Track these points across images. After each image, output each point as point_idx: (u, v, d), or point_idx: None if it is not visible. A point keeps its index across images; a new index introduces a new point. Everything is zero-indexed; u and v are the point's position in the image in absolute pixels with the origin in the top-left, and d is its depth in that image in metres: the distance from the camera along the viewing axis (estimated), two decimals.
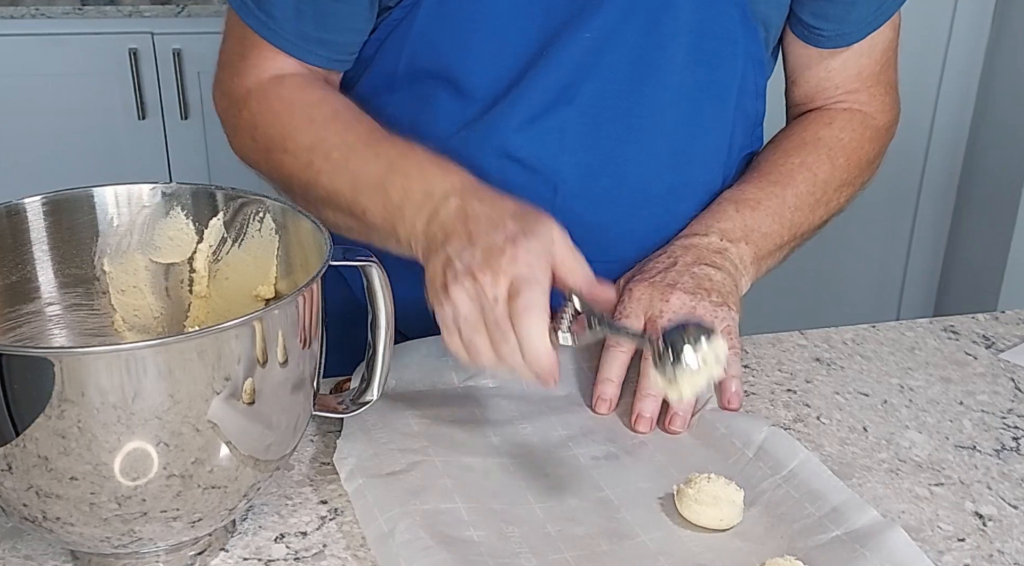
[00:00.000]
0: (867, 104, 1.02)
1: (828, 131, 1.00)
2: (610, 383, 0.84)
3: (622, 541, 0.71)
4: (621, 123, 0.93)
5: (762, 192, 0.95)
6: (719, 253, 0.90)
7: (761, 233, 0.93)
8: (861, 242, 2.53)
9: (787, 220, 0.95)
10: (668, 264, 0.88)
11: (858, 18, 0.96)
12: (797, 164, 0.97)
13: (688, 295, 0.84)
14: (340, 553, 0.70)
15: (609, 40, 0.89)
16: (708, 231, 0.92)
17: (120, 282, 0.76)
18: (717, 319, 0.84)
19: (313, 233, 0.71)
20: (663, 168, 0.95)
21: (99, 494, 0.59)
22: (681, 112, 0.94)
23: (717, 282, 0.87)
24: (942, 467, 0.81)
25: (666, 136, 0.94)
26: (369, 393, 0.76)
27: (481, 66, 0.91)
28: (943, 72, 2.42)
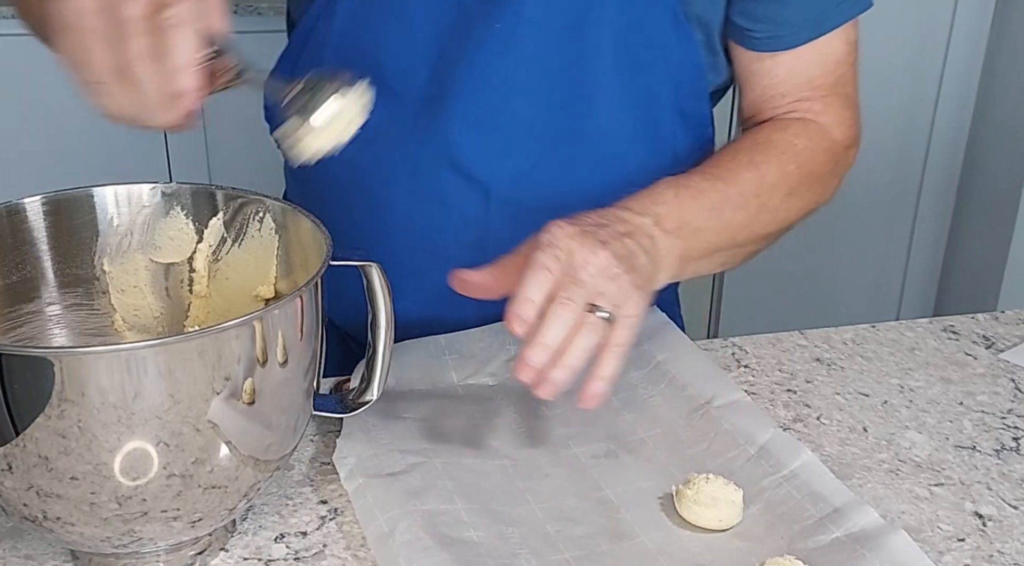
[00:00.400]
0: (821, 114, 0.97)
1: (781, 135, 0.95)
2: (531, 303, 0.73)
3: (622, 541, 0.71)
4: (553, 128, 0.92)
5: (705, 184, 0.89)
6: (648, 238, 0.83)
7: (694, 228, 0.87)
8: (861, 242, 2.53)
9: (726, 218, 0.89)
10: (599, 223, 0.80)
11: (791, 20, 0.93)
12: (745, 162, 0.92)
13: (616, 260, 0.76)
14: (340, 553, 0.70)
15: (527, 36, 0.88)
16: (644, 211, 0.84)
17: (120, 282, 0.76)
18: (632, 302, 0.76)
19: (313, 233, 0.71)
20: (597, 173, 0.94)
21: (99, 494, 0.59)
22: (613, 116, 0.92)
23: (641, 265, 0.80)
24: (942, 467, 0.81)
25: (599, 141, 0.93)
26: (369, 393, 0.76)
27: (400, 60, 0.91)
28: (943, 72, 2.42)
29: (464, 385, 0.87)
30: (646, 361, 0.89)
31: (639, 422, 0.83)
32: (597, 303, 0.74)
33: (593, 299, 0.74)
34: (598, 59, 0.90)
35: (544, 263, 0.74)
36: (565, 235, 0.76)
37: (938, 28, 2.39)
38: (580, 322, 0.73)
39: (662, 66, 0.93)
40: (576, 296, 0.73)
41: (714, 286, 2.50)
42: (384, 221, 0.95)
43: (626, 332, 0.75)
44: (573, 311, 0.73)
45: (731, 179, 0.91)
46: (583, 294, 0.73)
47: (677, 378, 0.87)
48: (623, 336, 0.75)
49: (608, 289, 0.75)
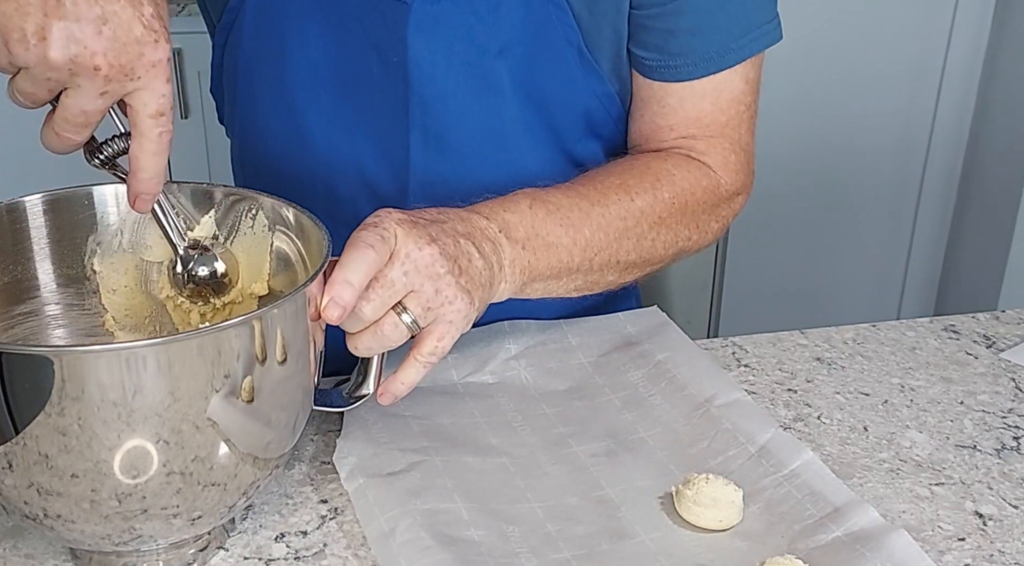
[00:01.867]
0: (705, 155, 0.92)
1: (659, 163, 0.91)
2: (349, 287, 0.67)
3: (622, 540, 0.70)
4: (468, 169, 0.91)
5: (567, 199, 0.84)
6: (492, 243, 0.78)
7: (546, 243, 0.81)
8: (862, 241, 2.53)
9: (583, 239, 0.84)
10: (436, 219, 0.75)
11: (682, 51, 0.89)
12: (616, 184, 0.87)
13: (444, 259, 0.71)
14: (340, 552, 0.70)
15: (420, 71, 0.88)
16: (491, 216, 0.80)
17: (111, 282, 0.76)
18: (452, 307, 0.71)
19: (312, 231, 0.71)
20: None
21: (99, 491, 0.59)
22: (521, 145, 0.92)
23: (476, 268, 0.74)
24: (943, 467, 0.81)
25: (506, 167, 0.92)
26: (366, 387, 0.76)
27: (303, 81, 0.91)
28: (944, 72, 2.42)
29: (464, 383, 0.87)
30: (646, 360, 0.89)
31: (639, 421, 0.83)
32: (407, 304, 0.70)
33: (404, 297, 0.70)
34: (502, 94, 0.90)
35: (367, 241, 0.68)
36: (393, 220, 0.71)
37: (938, 28, 2.39)
38: (379, 323, 0.70)
39: (571, 99, 0.92)
40: (378, 297, 0.69)
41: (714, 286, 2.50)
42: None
43: (439, 343, 0.72)
44: (372, 309, 0.69)
45: (596, 198, 0.86)
46: (390, 295, 0.69)
47: (677, 377, 0.87)
48: (435, 347, 0.72)
49: (424, 289, 0.70)
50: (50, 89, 0.61)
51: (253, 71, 0.94)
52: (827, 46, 2.26)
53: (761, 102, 0.99)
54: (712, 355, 0.95)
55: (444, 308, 0.71)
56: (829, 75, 2.28)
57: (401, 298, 0.70)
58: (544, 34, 0.88)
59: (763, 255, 2.34)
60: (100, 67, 0.59)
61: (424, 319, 0.71)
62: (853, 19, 2.27)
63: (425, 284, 0.70)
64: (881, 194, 2.47)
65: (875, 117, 2.37)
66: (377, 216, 0.71)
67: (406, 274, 0.69)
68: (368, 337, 0.71)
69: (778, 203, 2.26)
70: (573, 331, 0.94)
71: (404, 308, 0.70)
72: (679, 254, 0.92)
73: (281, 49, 0.91)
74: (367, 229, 0.70)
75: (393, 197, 0.92)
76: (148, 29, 0.61)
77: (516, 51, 0.89)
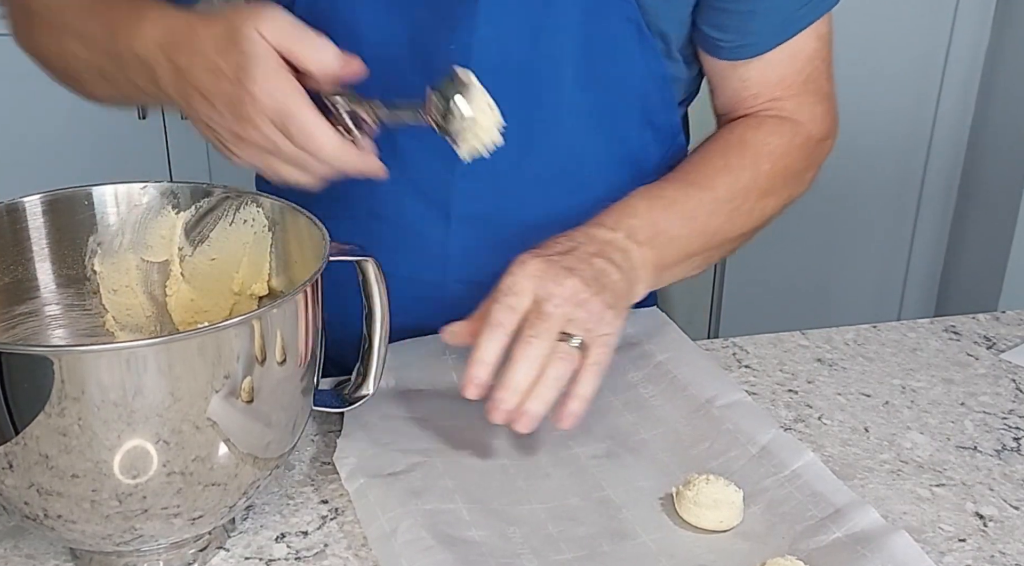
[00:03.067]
0: (795, 112, 0.96)
1: (754, 134, 0.95)
2: (485, 365, 0.74)
3: (623, 541, 0.70)
4: (512, 146, 0.88)
5: (678, 192, 0.90)
6: (622, 252, 0.83)
7: (669, 236, 0.87)
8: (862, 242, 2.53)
9: (700, 224, 0.90)
10: (568, 247, 0.81)
11: (759, 30, 0.91)
12: (720, 167, 0.92)
13: (583, 285, 0.77)
14: (341, 553, 0.70)
15: (482, 57, 0.86)
16: (616, 226, 0.85)
17: (111, 282, 0.76)
18: (604, 322, 0.77)
19: (310, 230, 0.71)
20: (562, 190, 0.93)
21: (100, 491, 0.59)
22: (576, 133, 0.92)
23: (613, 281, 0.80)
24: (944, 468, 0.81)
25: (562, 158, 0.92)
26: (365, 387, 0.76)
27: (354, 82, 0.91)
28: (944, 72, 2.42)
29: None
30: (647, 361, 0.89)
31: (640, 422, 0.83)
32: (568, 331, 0.76)
33: (563, 328, 0.76)
34: (560, 77, 0.89)
35: (498, 320, 0.75)
36: (526, 275, 0.77)
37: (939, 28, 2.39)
38: (551, 353, 0.75)
39: (628, 80, 0.92)
40: (543, 331, 0.75)
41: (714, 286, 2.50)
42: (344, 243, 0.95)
43: (601, 351, 0.77)
44: (540, 347, 0.75)
45: (705, 184, 0.91)
46: (550, 327, 0.75)
47: (678, 378, 0.86)
48: (598, 355, 0.77)
49: (577, 315, 0.76)
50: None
51: None
52: None
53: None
54: (713, 356, 0.95)
55: (598, 325, 0.77)
56: None
57: (563, 328, 0.76)
58: (604, 12, 0.88)
59: (763, 255, 2.34)
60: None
61: (587, 338, 0.77)
62: (853, 19, 2.27)
63: (577, 311, 0.76)
64: (882, 194, 2.47)
65: (876, 117, 2.37)
66: (512, 275, 0.78)
67: (558, 307, 0.76)
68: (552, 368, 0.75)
69: None
70: None
71: (568, 335, 0.76)
72: (784, 209, 0.98)
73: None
74: (498, 301, 0.76)
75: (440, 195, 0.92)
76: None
77: (575, 30, 0.88)
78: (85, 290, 0.76)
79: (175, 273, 0.77)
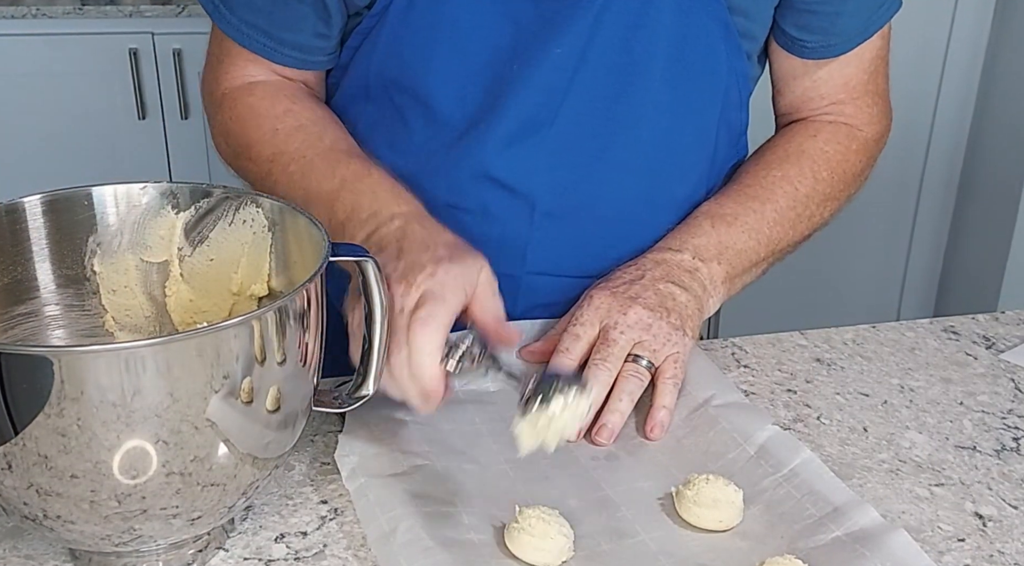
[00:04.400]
0: (853, 117, 1.00)
1: (812, 143, 0.98)
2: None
3: (623, 540, 0.70)
4: (597, 141, 0.91)
5: (740, 207, 0.93)
6: (690, 272, 0.88)
7: (736, 250, 0.91)
8: (861, 242, 2.54)
9: (764, 236, 0.93)
10: (635, 276, 0.87)
11: (844, 29, 0.94)
12: (779, 177, 0.95)
13: (647, 311, 0.83)
14: (340, 553, 0.70)
15: (583, 57, 0.88)
16: (682, 247, 0.90)
17: (111, 282, 0.76)
18: (671, 343, 0.83)
19: (310, 230, 0.71)
20: (641, 184, 0.94)
21: (99, 492, 0.59)
22: (659, 128, 0.92)
23: (680, 303, 0.85)
24: (942, 467, 0.81)
25: (644, 152, 0.93)
26: (365, 388, 0.76)
27: (445, 80, 0.90)
28: (943, 72, 2.42)
29: (465, 390, 0.87)
30: None
31: (639, 423, 0.83)
32: (636, 353, 0.82)
33: (631, 350, 0.82)
34: (648, 74, 0.90)
35: (565, 346, 0.83)
36: (593, 308, 0.84)
37: (938, 28, 2.39)
38: (623, 374, 0.81)
39: (712, 78, 0.93)
40: (610, 355, 0.81)
41: None
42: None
43: (674, 366, 0.83)
44: (608, 369, 0.81)
45: (766, 197, 0.94)
46: (617, 351, 0.82)
47: None
48: (671, 371, 0.83)
49: (644, 338, 0.82)
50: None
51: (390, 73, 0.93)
52: None
53: (760, 101, 1.01)
54: (712, 356, 0.95)
55: (666, 346, 0.83)
56: None
57: (630, 350, 0.82)
58: (696, 10, 0.89)
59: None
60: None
61: (655, 358, 0.83)
62: None
63: (643, 335, 0.83)
64: (881, 194, 2.47)
65: None
66: (580, 309, 0.85)
67: (622, 334, 0.82)
68: (622, 384, 0.82)
69: None
70: None
71: (636, 357, 0.82)
72: (843, 209, 1.02)
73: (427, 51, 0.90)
74: (567, 330, 0.84)
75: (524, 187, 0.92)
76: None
77: (668, 28, 0.89)
78: (84, 290, 0.76)
79: (174, 273, 0.77)
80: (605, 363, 0.81)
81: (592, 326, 0.83)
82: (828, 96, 0.99)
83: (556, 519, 0.69)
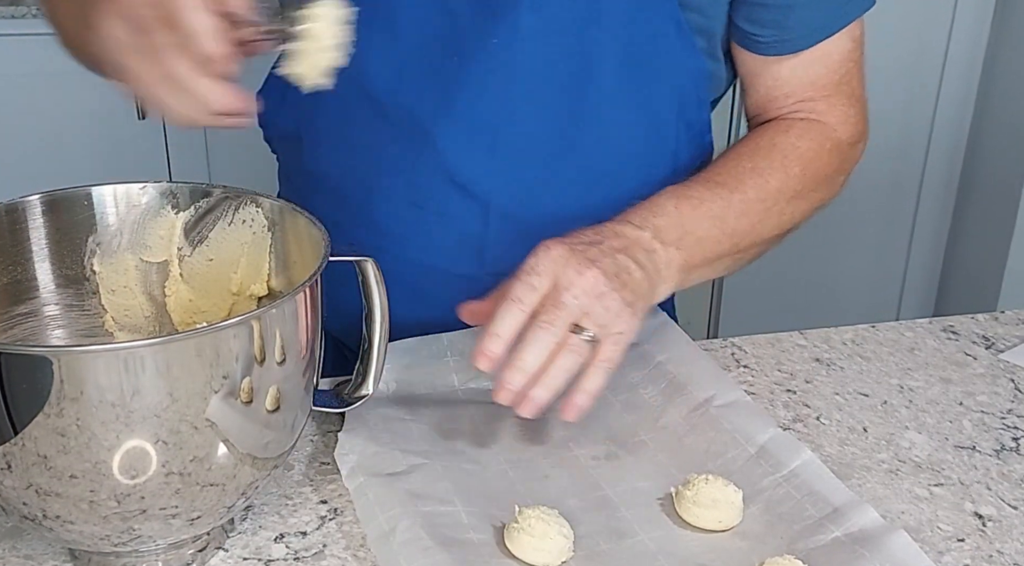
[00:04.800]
0: (825, 114, 0.96)
1: (784, 138, 0.94)
2: (499, 339, 0.74)
3: (622, 540, 0.70)
4: (552, 141, 0.91)
5: (708, 192, 0.89)
6: (647, 252, 0.83)
7: (697, 237, 0.87)
8: (861, 242, 2.53)
9: (729, 226, 0.89)
10: (594, 240, 0.81)
11: (797, 24, 0.92)
12: (748, 169, 0.92)
13: (604, 278, 0.77)
14: (340, 553, 0.70)
15: (526, 51, 0.87)
16: (643, 225, 0.85)
17: (110, 282, 0.76)
18: (620, 319, 0.77)
19: (310, 230, 0.71)
20: (600, 185, 0.93)
21: (98, 492, 0.59)
22: (616, 128, 0.92)
23: (635, 279, 0.80)
24: (942, 467, 0.81)
25: (601, 154, 0.92)
26: (365, 387, 0.76)
27: (386, 72, 0.90)
28: (943, 72, 2.42)
29: (465, 389, 0.87)
30: (646, 361, 0.89)
31: (639, 423, 0.83)
32: (582, 324, 0.76)
33: (577, 320, 0.75)
34: (602, 72, 0.89)
35: (517, 296, 0.75)
36: (550, 258, 0.77)
37: (938, 28, 2.39)
38: (562, 343, 0.75)
39: (667, 76, 0.92)
40: (556, 319, 0.75)
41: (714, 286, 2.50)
42: (382, 234, 0.94)
43: (613, 349, 0.77)
44: (552, 334, 0.74)
45: (734, 186, 0.90)
46: (564, 316, 0.75)
47: (677, 378, 0.86)
48: (610, 353, 0.77)
49: (594, 309, 0.76)
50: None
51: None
52: None
53: None
54: (711, 356, 0.95)
55: (614, 322, 0.77)
56: None
57: (577, 319, 0.76)
58: (648, 5, 0.88)
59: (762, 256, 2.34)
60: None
61: (600, 333, 0.76)
62: None
63: (594, 304, 0.76)
64: (880, 194, 2.47)
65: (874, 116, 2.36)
66: (534, 258, 0.77)
67: (576, 298, 0.75)
68: (561, 358, 0.75)
69: None
70: None
71: (581, 328, 0.76)
72: (813, 213, 0.97)
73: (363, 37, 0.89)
74: (519, 279, 0.76)
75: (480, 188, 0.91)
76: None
77: (620, 23, 0.88)
78: (84, 290, 0.76)
79: (174, 273, 0.77)
80: (551, 327, 0.75)
81: (548, 277, 0.76)
82: (794, 94, 0.96)
83: (556, 519, 0.69)
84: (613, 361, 0.77)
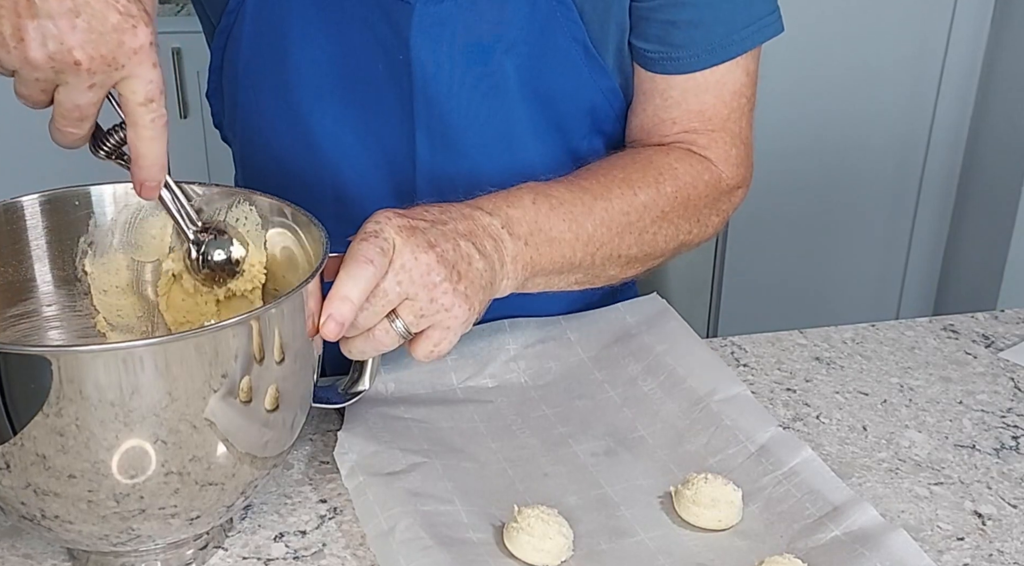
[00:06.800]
0: (707, 148, 0.92)
1: (662, 157, 0.91)
2: (348, 302, 0.68)
3: (622, 539, 0.70)
4: (470, 153, 0.91)
5: (570, 194, 0.84)
6: (494, 240, 0.78)
7: (548, 237, 0.82)
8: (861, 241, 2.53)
9: (585, 233, 0.84)
10: (438, 219, 0.75)
11: (682, 42, 0.89)
12: (619, 178, 0.87)
13: (439, 267, 0.71)
14: (339, 552, 0.70)
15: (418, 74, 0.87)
16: (494, 212, 0.79)
17: (102, 282, 0.76)
18: (449, 314, 0.72)
19: (308, 228, 0.71)
20: None
21: (97, 491, 0.59)
22: (528, 143, 0.92)
23: (475, 270, 0.74)
24: (942, 466, 0.81)
25: (515, 166, 0.91)
26: (361, 383, 0.76)
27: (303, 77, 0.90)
28: (943, 72, 2.42)
29: (464, 388, 0.87)
30: (646, 352, 0.89)
31: (639, 418, 0.83)
32: (399, 313, 0.71)
33: (399, 304, 0.71)
34: (507, 92, 0.90)
35: (367, 255, 0.69)
36: (392, 227, 0.71)
37: (938, 28, 2.39)
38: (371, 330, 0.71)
39: (576, 94, 0.92)
40: (372, 305, 0.70)
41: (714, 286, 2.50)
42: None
43: (434, 347, 0.73)
44: (366, 319, 0.70)
45: (599, 192, 0.86)
46: (381, 304, 0.70)
47: (677, 370, 0.86)
48: (428, 351, 0.73)
49: (419, 297, 0.71)
50: (43, 89, 0.61)
51: (255, 73, 0.93)
52: (826, 44, 2.26)
53: (760, 100, 0.99)
54: None
55: (440, 315, 0.72)
56: (828, 73, 2.28)
57: (395, 306, 0.71)
58: (550, 31, 0.88)
59: (762, 254, 2.34)
60: (80, 61, 0.59)
61: (417, 326, 0.72)
62: (852, 16, 2.27)
63: (420, 293, 0.71)
64: (880, 193, 2.47)
65: (874, 115, 2.37)
66: (377, 223, 0.71)
67: (399, 283, 0.70)
68: (361, 342, 0.72)
69: (777, 202, 2.26)
70: (572, 326, 0.93)
71: (396, 315, 0.71)
72: (679, 248, 0.93)
73: (284, 50, 0.90)
74: (367, 240, 0.70)
75: (400, 196, 0.92)
76: (124, 15, 0.60)
77: (522, 49, 0.88)
78: (76, 291, 0.76)
79: (166, 273, 0.77)
80: (363, 312, 0.70)
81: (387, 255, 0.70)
82: (680, 122, 0.92)
83: (555, 519, 0.69)
84: (434, 357, 0.74)
